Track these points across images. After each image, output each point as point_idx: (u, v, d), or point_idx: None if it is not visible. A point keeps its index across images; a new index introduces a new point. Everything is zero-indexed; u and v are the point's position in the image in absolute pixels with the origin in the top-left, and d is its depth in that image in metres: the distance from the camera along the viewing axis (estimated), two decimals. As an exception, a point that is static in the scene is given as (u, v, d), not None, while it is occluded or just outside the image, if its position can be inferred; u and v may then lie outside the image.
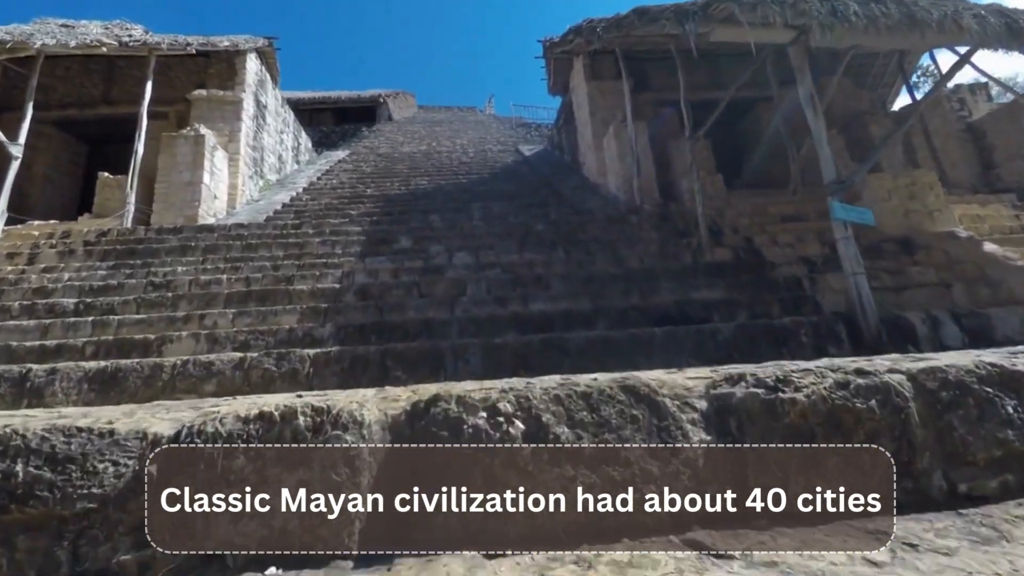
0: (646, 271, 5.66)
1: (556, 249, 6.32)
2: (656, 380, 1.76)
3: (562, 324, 4.60)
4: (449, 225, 7.32)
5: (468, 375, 3.56)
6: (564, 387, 1.68)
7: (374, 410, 1.63)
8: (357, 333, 4.53)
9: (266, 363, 3.52)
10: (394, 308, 5.04)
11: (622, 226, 7.09)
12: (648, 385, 1.70)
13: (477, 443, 1.47)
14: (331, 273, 5.79)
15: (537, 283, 5.52)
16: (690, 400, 1.70)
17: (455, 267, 5.91)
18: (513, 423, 1.54)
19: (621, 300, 5.10)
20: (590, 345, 3.66)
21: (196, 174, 8.89)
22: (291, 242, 6.72)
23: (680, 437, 1.56)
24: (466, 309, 4.99)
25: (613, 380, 1.73)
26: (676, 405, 1.65)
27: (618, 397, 1.63)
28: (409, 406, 1.65)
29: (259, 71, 11.25)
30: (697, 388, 1.77)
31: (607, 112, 10.76)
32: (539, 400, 1.59)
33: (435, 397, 1.62)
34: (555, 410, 1.57)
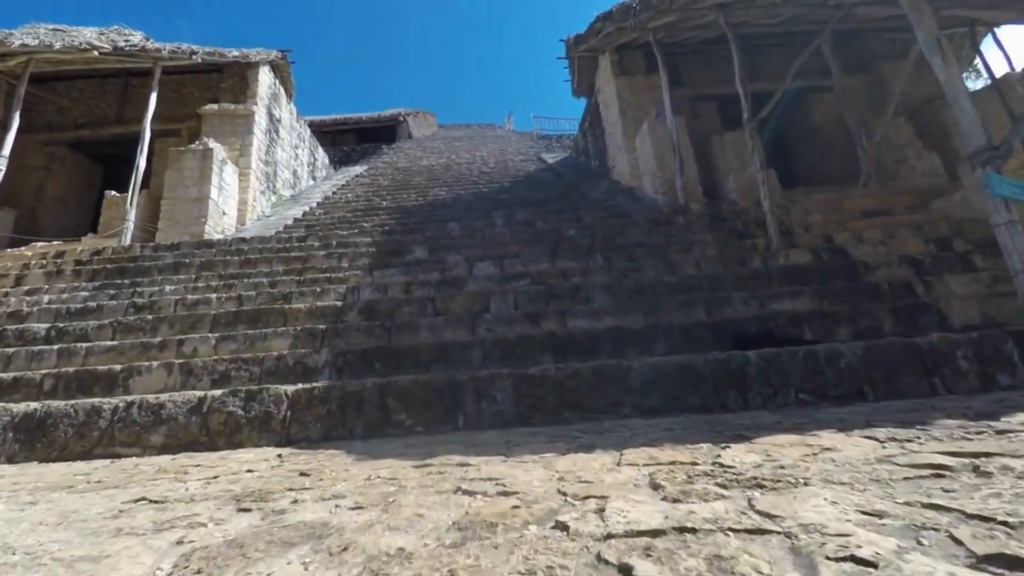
0: (707, 279, 4.65)
1: (593, 256, 5.38)
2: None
3: (611, 346, 3.64)
4: (469, 233, 6.49)
5: (494, 420, 2.63)
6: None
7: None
8: (358, 361, 3.68)
9: (231, 405, 2.68)
10: (404, 329, 4.18)
11: (668, 228, 6.11)
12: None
13: None
14: (334, 289, 5.00)
15: (574, 295, 4.59)
16: None
17: (476, 279, 5.04)
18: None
19: (682, 315, 4.11)
20: (660, 376, 2.69)
21: (203, 189, 8.41)
22: (293, 256, 6.01)
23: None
24: (490, 328, 4.09)
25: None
26: None
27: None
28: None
29: (272, 84, 10.88)
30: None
31: (638, 110, 9.88)
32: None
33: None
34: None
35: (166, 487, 1.27)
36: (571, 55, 11.15)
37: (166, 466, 1.79)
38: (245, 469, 1.52)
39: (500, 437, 2.11)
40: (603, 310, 4.20)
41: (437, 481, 1.12)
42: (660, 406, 2.64)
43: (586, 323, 4.08)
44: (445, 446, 1.84)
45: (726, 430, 1.69)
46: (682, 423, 2.11)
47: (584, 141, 13.40)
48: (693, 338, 3.69)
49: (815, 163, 10.78)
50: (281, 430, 2.63)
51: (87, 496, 1.33)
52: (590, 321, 4.10)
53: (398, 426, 2.63)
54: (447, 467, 1.28)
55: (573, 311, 4.20)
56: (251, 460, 1.79)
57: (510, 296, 4.59)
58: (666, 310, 4.17)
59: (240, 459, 1.85)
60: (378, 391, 2.72)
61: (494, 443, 1.83)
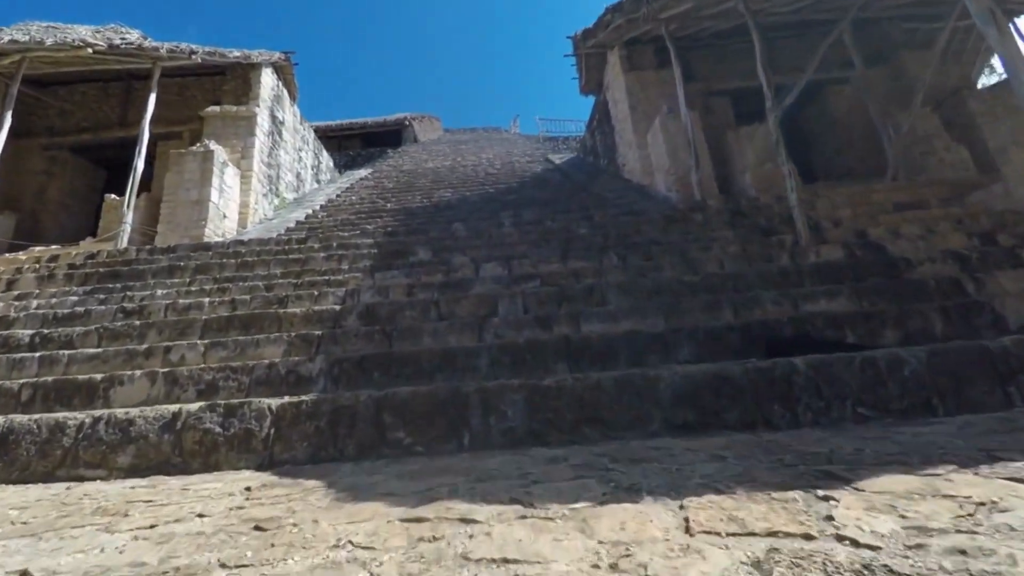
0: (732, 278, 4.30)
1: (607, 255, 5.05)
2: None
3: (630, 351, 3.32)
4: (475, 233, 6.20)
5: (504, 438, 2.31)
6: None
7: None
8: (355, 369, 3.39)
9: (208, 421, 2.39)
10: (406, 334, 3.88)
11: (685, 225, 5.77)
12: None
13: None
14: (333, 292, 4.72)
15: (588, 297, 4.26)
16: None
17: (483, 280, 4.73)
18: None
19: (707, 317, 3.77)
20: (692, 387, 2.35)
21: (204, 192, 8.22)
22: (292, 258, 5.74)
23: None
24: (499, 333, 3.78)
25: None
26: None
27: None
28: None
29: (275, 87, 10.71)
30: None
31: (649, 105, 9.56)
32: None
33: None
34: None
35: (83, 542, 0.98)
36: (579, 52, 10.87)
37: (114, 501, 1.50)
38: (196, 513, 1.22)
39: (513, 463, 1.79)
40: (620, 312, 3.87)
41: (427, 563, 0.80)
42: (693, 421, 2.30)
43: (602, 327, 3.76)
44: (447, 477, 1.53)
45: (799, 462, 1.36)
46: (730, 447, 1.78)
47: (592, 140, 13.09)
48: (720, 343, 3.36)
49: (834, 157, 10.37)
50: (263, 450, 2.33)
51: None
52: (606, 324, 3.78)
53: (395, 445, 2.32)
54: (444, 525, 0.96)
55: (587, 314, 3.87)
56: (214, 495, 1.49)
57: (519, 298, 4.28)
58: (689, 312, 3.83)
59: (202, 493, 1.55)
60: (373, 406, 2.41)
61: (507, 474, 1.51)
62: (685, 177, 7.97)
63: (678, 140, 8.24)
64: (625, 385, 2.39)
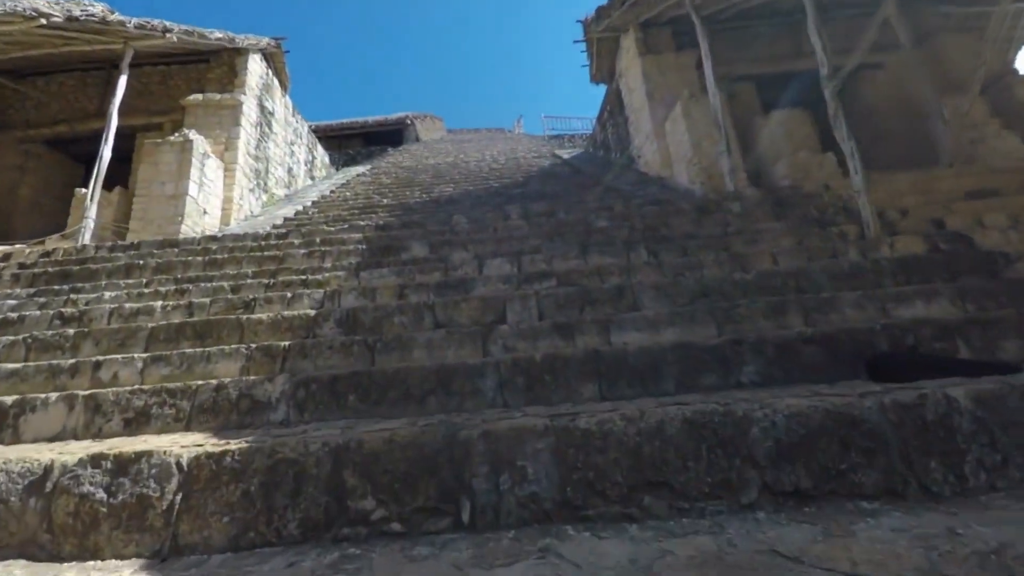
0: (794, 276, 3.52)
1: (635, 250, 4.28)
2: None
3: (679, 370, 2.55)
4: (478, 227, 5.45)
5: (525, 511, 1.53)
6: None
7: None
8: (326, 392, 2.64)
9: (87, 482, 1.63)
10: (393, 346, 3.12)
11: (723, 216, 4.99)
12: None
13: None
14: (309, 294, 3.97)
15: (618, 300, 3.49)
16: None
17: (488, 280, 3.97)
18: None
19: (772, 324, 2.99)
20: (803, 433, 1.58)
21: (181, 185, 7.52)
22: (268, 255, 5.00)
23: None
24: (508, 345, 3.02)
25: None
26: None
27: None
28: None
29: (264, 75, 10.03)
30: None
31: (667, 92, 8.80)
32: None
33: None
34: None
35: None
36: (589, 36, 10.13)
37: None
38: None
39: (543, 570, 1.05)
40: (660, 319, 3.09)
41: None
42: (809, 489, 1.52)
43: (639, 337, 2.99)
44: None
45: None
46: (886, 543, 1.02)
47: (603, 133, 12.34)
48: (796, 358, 2.58)
49: (869, 148, 9.54)
50: (164, 527, 1.56)
51: None
52: (644, 334, 3.01)
53: (359, 521, 1.55)
54: None
55: (620, 321, 3.10)
56: None
57: (532, 301, 3.52)
58: (747, 318, 3.05)
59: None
60: (330, 460, 1.64)
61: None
62: (711, 167, 7.21)
63: (702, 127, 7.48)
64: (701, 431, 1.62)
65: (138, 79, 10.23)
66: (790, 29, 9.85)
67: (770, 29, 9.86)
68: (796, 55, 9.68)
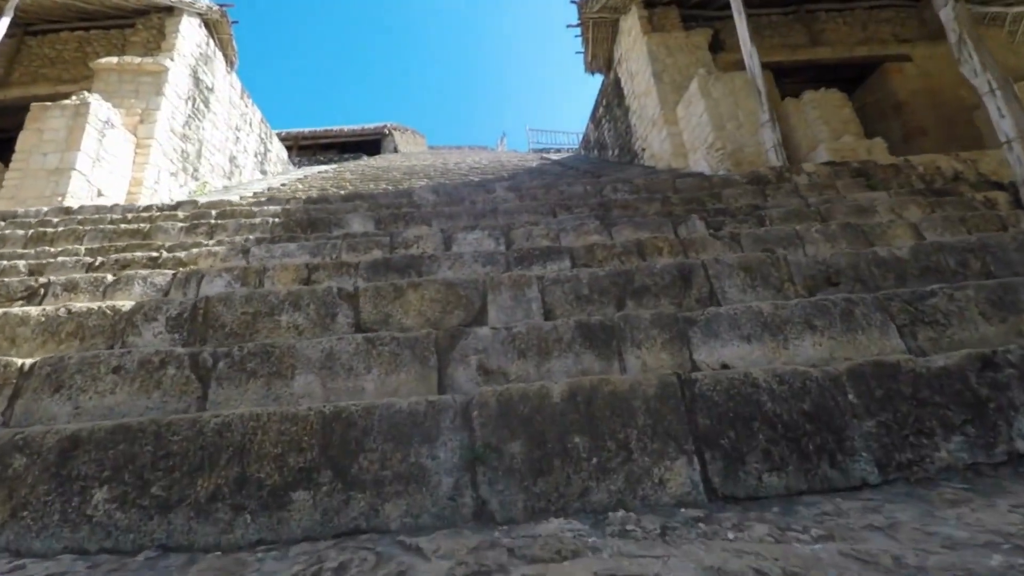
0: (971, 251, 2.07)
1: (686, 222, 2.79)
2: None
3: (876, 426, 1.00)
4: (449, 200, 3.92)
5: None
6: None
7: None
8: (46, 481, 0.99)
9: None
10: (255, 368, 1.50)
11: (792, 187, 3.59)
12: None
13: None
14: (147, 277, 2.32)
15: (681, 287, 1.97)
16: None
17: (459, 259, 2.39)
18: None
19: (1007, 329, 1.50)
20: None
21: (68, 157, 5.81)
22: (128, 229, 3.33)
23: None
24: (489, 367, 1.44)
25: None
26: None
27: None
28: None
29: (203, 44, 8.46)
30: None
31: (678, 73, 7.60)
32: None
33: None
34: None
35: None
36: (584, 18, 8.97)
37: None
38: None
39: None
40: (782, 319, 1.57)
41: None
42: None
43: (749, 351, 1.47)
44: None
45: None
46: None
47: (597, 132, 11.12)
48: None
49: (899, 144, 8.58)
50: None
51: None
52: (758, 346, 1.49)
53: None
54: None
55: (706, 321, 1.57)
56: None
57: (532, 289, 1.96)
58: (953, 316, 1.56)
59: None
60: None
61: None
62: (739, 152, 5.92)
63: (725, 107, 6.23)
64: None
65: (52, 45, 8.57)
66: (804, 19, 8.93)
67: (784, 18, 8.93)
68: (812, 44, 8.72)
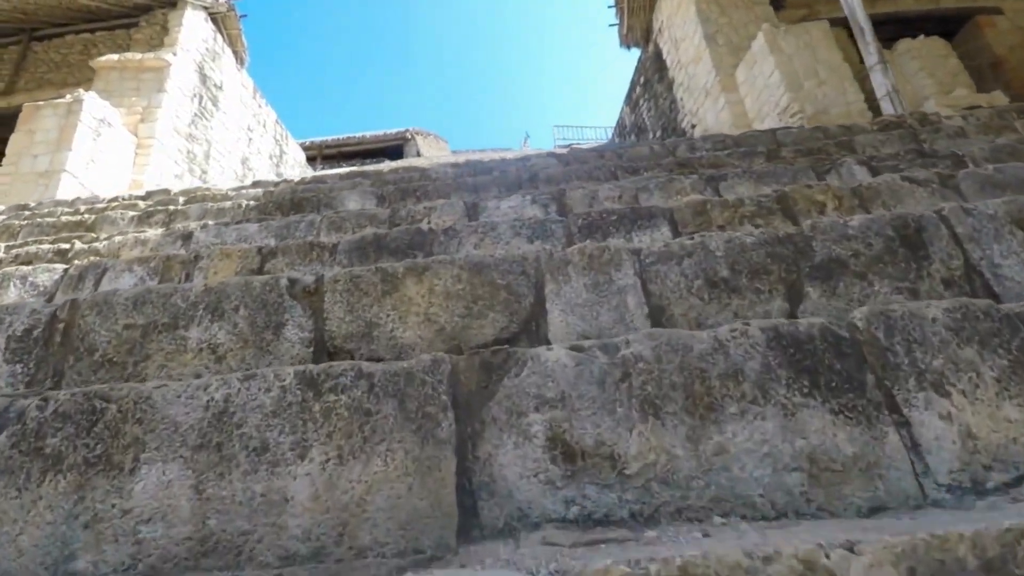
0: None
1: (839, 167, 1.83)
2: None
3: None
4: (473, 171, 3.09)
5: None
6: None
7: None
8: None
9: None
10: (64, 470, 0.66)
11: (949, 129, 2.56)
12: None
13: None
14: (35, 276, 1.55)
15: (909, 259, 1.03)
16: None
17: (490, 230, 1.52)
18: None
19: None
20: None
21: (58, 159, 5.33)
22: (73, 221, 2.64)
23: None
24: (570, 449, 0.52)
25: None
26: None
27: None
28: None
29: (210, 39, 8.00)
30: None
31: (735, 33, 6.58)
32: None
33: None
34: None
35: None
36: (618, -15, 8.06)
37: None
38: None
39: None
40: None
41: None
42: None
43: None
44: None
45: None
46: None
47: (634, 115, 10.13)
48: None
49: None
50: None
51: None
52: None
53: None
54: None
55: None
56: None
57: (620, 273, 1.07)
58: None
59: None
60: None
61: None
62: (823, 113, 4.88)
63: (801, 62, 5.19)
64: None
65: (57, 50, 8.31)
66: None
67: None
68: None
